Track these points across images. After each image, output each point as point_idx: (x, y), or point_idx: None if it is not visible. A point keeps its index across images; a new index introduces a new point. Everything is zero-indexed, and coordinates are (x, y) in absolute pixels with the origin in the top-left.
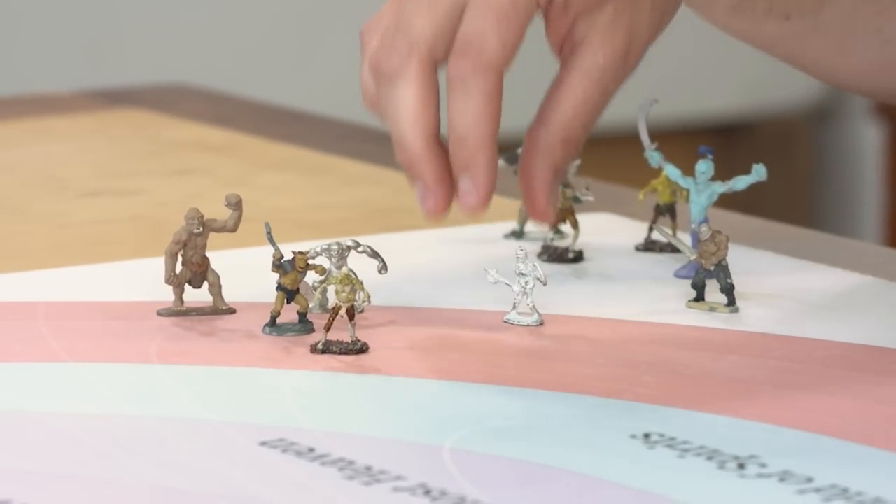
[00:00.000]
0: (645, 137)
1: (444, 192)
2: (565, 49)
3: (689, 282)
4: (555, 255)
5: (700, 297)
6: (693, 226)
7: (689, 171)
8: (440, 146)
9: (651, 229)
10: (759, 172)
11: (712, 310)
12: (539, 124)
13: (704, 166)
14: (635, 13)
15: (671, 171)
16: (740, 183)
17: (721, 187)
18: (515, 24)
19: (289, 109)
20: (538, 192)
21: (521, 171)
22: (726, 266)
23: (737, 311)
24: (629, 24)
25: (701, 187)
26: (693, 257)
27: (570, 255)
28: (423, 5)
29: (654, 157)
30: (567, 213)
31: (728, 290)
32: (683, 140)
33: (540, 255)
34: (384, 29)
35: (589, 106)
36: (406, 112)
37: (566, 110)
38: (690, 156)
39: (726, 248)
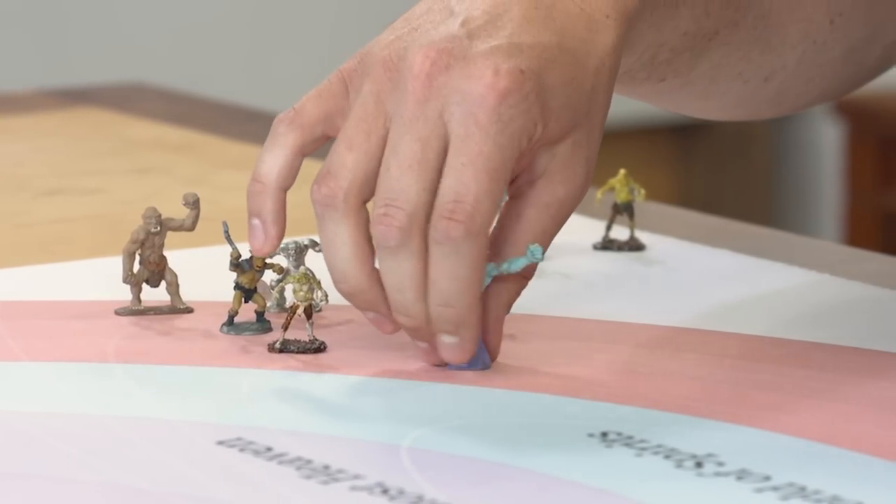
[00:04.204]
0: None
1: (393, 318)
2: (521, 180)
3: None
4: None
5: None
6: None
7: (647, 166)
8: (377, 275)
9: (609, 228)
10: (534, 254)
11: None
12: (496, 257)
13: None
14: (591, 140)
15: None
16: (515, 264)
17: (495, 269)
18: (504, 179)
19: (246, 108)
20: (492, 332)
21: (484, 309)
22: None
23: None
24: (587, 152)
25: None
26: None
27: None
28: (358, 136)
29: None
30: None
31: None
32: (642, 139)
33: None
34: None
35: (546, 238)
36: (410, 286)
37: (525, 241)
38: (649, 156)
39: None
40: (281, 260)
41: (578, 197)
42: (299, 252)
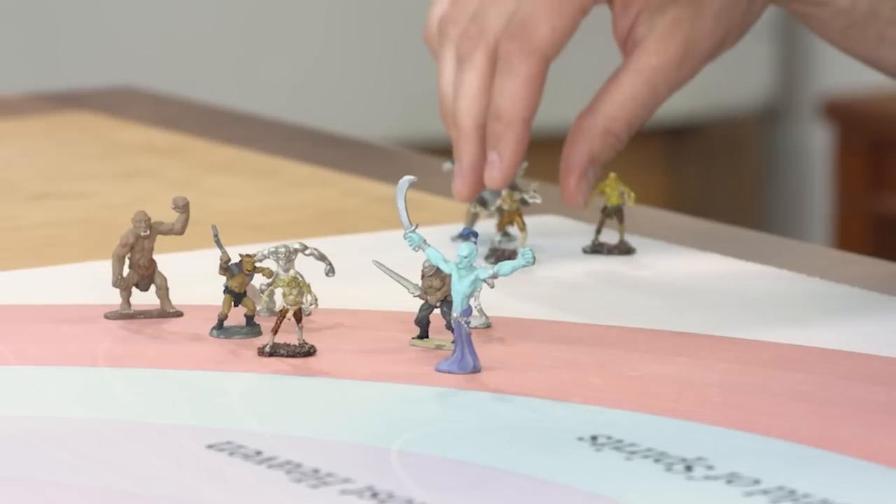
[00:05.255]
0: (404, 218)
1: (474, 179)
2: (627, 46)
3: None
4: (502, 257)
5: (424, 335)
6: (455, 314)
7: (638, 170)
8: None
9: (598, 231)
10: (525, 257)
11: (439, 347)
12: (587, 112)
13: (467, 250)
14: (696, 24)
15: (432, 254)
16: (505, 268)
17: (485, 273)
18: (568, 13)
19: (235, 111)
20: (571, 175)
21: (562, 155)
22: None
23: None
24: (687, 33)
25: (463, 273)
26: (416, 294)
27: None
28: None
29: (413, 238)
30: (514, 216)
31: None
32: (632, 143)
33: (487, 258)
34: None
35: (636, 103)
36: (465, 94)
37: (613, 103)
38: (639, 160)
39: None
40: (270, 264)
41: (672, 72)
42: (289, 256)
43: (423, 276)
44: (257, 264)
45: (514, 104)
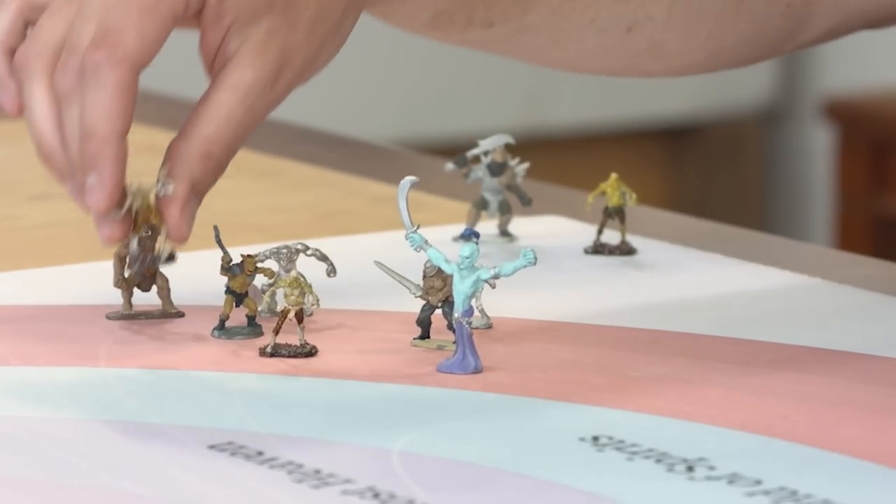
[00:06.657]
0: (406, 218)
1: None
2: (217, 64)
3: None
4: None
5: (426, 335)
6: (456, 315)
7: (639, 171)
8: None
9: (600, 232)
10: (527, 257)
11: (440, 347)
12: (179, 138)
13: (468, 250)
14: (291, 36)
15: (433, 255)
16: (507, 268)
17: (487, 273)
18: (157, 21)
19: None
20: (173, 206)
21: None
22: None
23: None
24: (283, 46)
25: (465, 273)
26: (418, 294)
27: None
28: (60, 2)
29: (414, 239)
30: (149, 213)
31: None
32: (634, 143)
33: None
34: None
35: (232, 122)
36: (39, 109)
37: (208, 125)
38: (641, 160)
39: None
40: (272, 264)
41: (268, 88)
42: (291, 256)
43: (424, 277)
44: (259, 265)
45: (109, 120)
